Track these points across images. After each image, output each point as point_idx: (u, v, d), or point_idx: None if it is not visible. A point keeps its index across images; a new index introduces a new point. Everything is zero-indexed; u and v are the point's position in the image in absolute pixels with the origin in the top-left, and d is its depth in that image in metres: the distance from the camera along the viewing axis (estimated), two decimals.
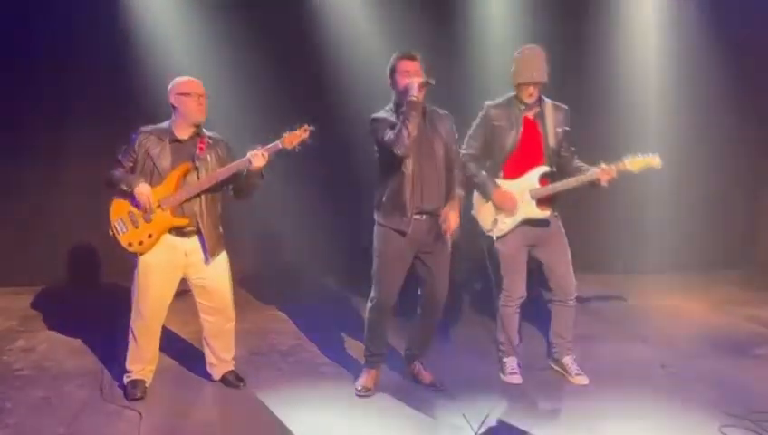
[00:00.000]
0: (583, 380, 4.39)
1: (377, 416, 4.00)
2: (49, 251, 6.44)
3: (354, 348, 4.92)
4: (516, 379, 4.40)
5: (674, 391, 4.32)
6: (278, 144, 3.96)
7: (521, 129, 4.26)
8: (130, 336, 4.14)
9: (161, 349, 4.34)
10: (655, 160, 4.21)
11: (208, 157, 4.06)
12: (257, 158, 3.92)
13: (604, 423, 3.94)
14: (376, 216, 4.13)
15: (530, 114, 4.28)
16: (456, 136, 4.19)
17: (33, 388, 4.25)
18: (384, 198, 4.05)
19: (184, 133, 4.06)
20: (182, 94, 3.99)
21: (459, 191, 4.12)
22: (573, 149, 4.38)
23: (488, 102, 4.36)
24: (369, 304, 4.20)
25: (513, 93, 4.32)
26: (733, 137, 7.01)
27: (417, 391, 4.29)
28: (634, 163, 4.20)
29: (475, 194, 4.44)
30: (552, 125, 4.28)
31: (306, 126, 3.97)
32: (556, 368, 4.55)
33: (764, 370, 4.67)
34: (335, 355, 4.85)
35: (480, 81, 6.64)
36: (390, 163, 3.98)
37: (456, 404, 4.09)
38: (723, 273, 7.03)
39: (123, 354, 4.19)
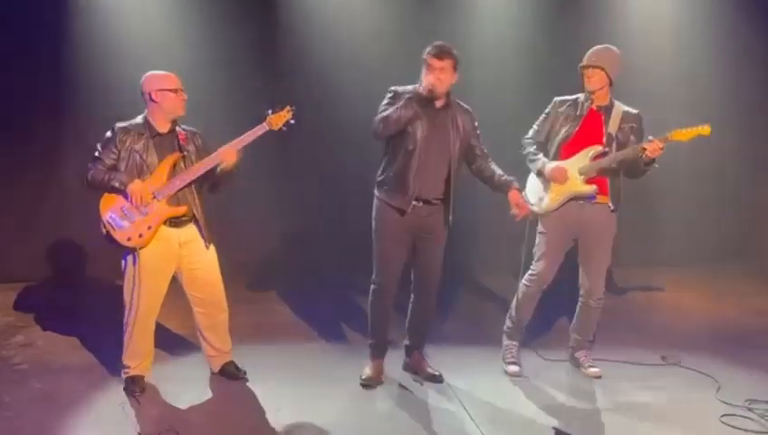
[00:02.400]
0: (596, 372, 4.38)
1: (379, 408, 4.01)
2: (47, 246, 6.41)
3: (355, 340, 4.92)
4: (514, 369, 4.40)
5: (675, 381, 4.32)
6: (264, 126, 4.01)
7: (584, 117, 4.28)
8: (126, 331, 4.12)
9: (161, 344, 4.34)
10: (705, 129, 4.15)
11: (191, 147, 4.11)
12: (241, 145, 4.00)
13: (605, 414, 3.94)
14: (376, 191, 4.15)
15: (595, 106, 4.29)
16: (479, 132, 4.20)
17: (33, 381, 4.25)
18: (387, 175, 4.08)
19: (163, 127, 4.07)
20: (165, 90, 3.99)
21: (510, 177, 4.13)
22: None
23: (557, 97, 4.39)
24: (371, 288, 4.23)
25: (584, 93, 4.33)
26: (734, 129, 6.98)
27: (418, 381, 4.30)
28: (683, 134, 4.14)
29: (530, 175, 4.44)
30: (618, 119, 4.27)
31: (289, 107, 4.02)
32: (571, 362, 4.55)
33: (764, 360, 4.66)
34: (335, 348, 4.86)
35: (479, 79, 6.64)
36: (401, 142, 4.02)
37: (457, 395, 4.10)
38: (724, 264, 7.01)
39: (121, 348, 4.17)
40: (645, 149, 4.10)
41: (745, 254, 7.28)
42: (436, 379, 4.29)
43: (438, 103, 4.07)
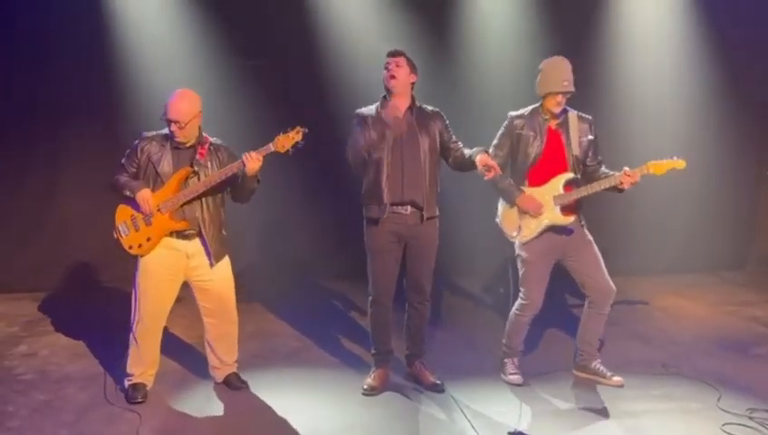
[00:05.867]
0: (620, 381, 4.36)
1: (381, 416, 4.01)
2: (50, 257, 6.44)
3: (356, 349, 4.94)
4: (516, 379, 4.40)
5: (676, 389, 4.33)
6: (270, 147, 3.97)
7: (545, 138, 4.26)
8: (131, 339, 4.15)
9: (165, 353, 4.36)
10: (679, 163, 4.20)
11: (209, 163, 4.09)
12: (250, 160, 3.94)
13: (605, 423, 3.94)
14: (363, 209, 4.22)
15: (553, 124, 4.29)
16: (449, 128, 4.26)
17: (36, 391, 4.27)
18: (365, 189, 4.18)
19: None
20: (165, 119, 4.02)
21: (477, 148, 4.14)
22: (600, 158, 4.37)
23: (512, 113, 4.37)
24: (368, 300, 4.28)
25: (536, 104, 4.32)
26: (733, 137, 7.02)
27: (420, 391, 4.31)
28: (658, 166, 4.17)
29: (500, 202, 4.44)
30: (576, 135, 4.28)
31: (299, 128, 3.96)
32: (583, 374, 4.51)
33: (765, 369, 4.68)
34: (337, 357, 4.86)
35: (475, 80, 6.67)
36: (372, 153, 4.10)
37: (459, 404, 4.12)
38: (723, 273, 7.04)
39: (124, 358, 4.20)
40: (622, 183, 4.15)
41: (746, 262, 7.30)
42: (438, 388, 4.29)
43: (402, 107, 4.13)
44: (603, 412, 4.06)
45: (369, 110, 4.19)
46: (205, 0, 6.33)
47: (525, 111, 4.34)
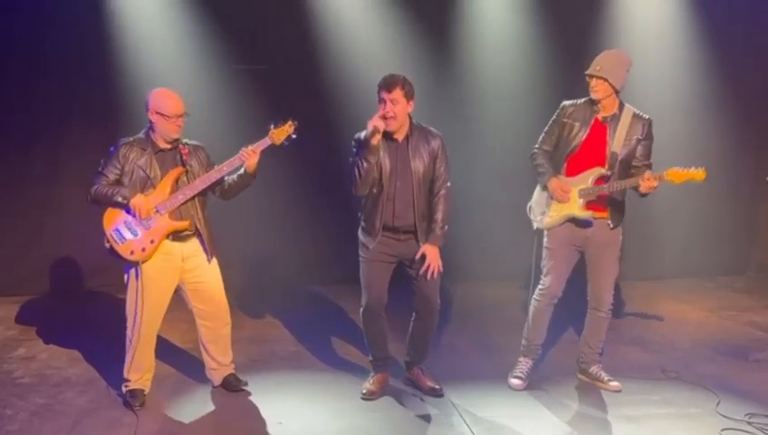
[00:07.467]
0: (617, 386, 4.37)
1: (379, 421, 4.01)
2: (49, 261, 6.44)
3: (353, 354, 4.94)
4: (518, 384, 4.39)
5: (675, 395, 4.33)
6: (267, 140, 4.02)
7: (588, 129, 4.22)
8: (128, 345, 4.14)
9: (163, 357, 4.36)
10: (699, 174, 4.06)
11: (193, 162, 4.13)
12: (249, 156, 3.99)
13: (605, 429, 3.94)
14: (359, 232, 4.23)
15: (600, 116, 4.23)
16: (446, 156, 4.15)
17: (34, 395, 4.27)
18: (360, 215, 4.20)
19: (164, 143, 4.10)
20: (159, 114, 4.01)
21: (442, 227, 4.06)
22: (650, 162, 4.25)
23: (565, 102, 4.34)
24: (360, 310, 4.26)
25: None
26: (733, 143, 7.02)
27: (419, 395, 4.30)
28: (677, 175, 4.05)
29: (536, 189, 4.43)
30: (624, 132, 4.19)
31: (291, 121, 4.02)
32: (583, 377, 4.52)
33: (764, 374, 4.68)
34: (334, 361, 4.86)
35: (474, 83, 6.67)
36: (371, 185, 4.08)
37: (457, 409, 4.12)
38: (722, 279, 7.04)
39: (122, 362, 4.18)
40: (639, 185, 4.09)
41: (745, 268, 7.30)
42: (437, 392, 4.29)
43: (399, 136, 4.08)
44: (602, 417, 4.06)
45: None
46: (205, 4, 6.34)
47: (580, 100, 4.31)
